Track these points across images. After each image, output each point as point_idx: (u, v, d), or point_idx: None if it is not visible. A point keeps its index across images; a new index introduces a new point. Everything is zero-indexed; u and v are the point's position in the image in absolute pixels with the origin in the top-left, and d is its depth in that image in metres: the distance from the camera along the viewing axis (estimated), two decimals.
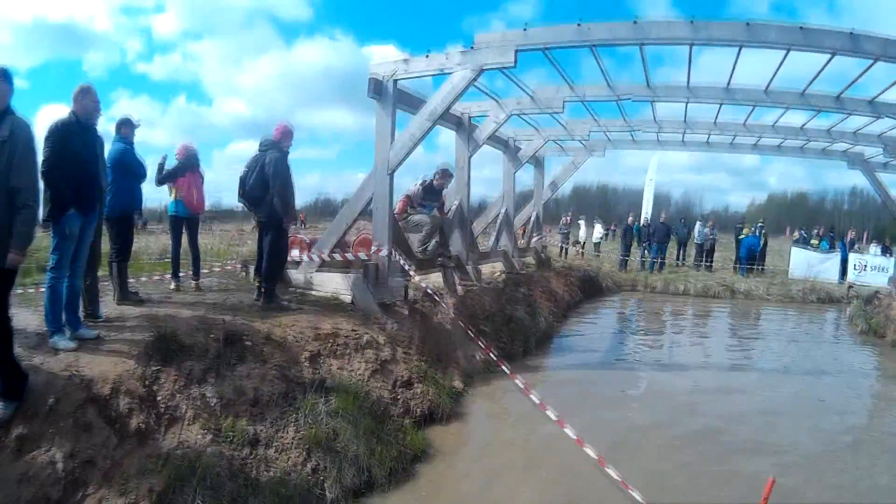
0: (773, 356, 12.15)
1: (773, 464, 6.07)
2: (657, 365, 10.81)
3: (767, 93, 11.52)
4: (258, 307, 7.90)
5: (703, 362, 11.23)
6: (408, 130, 9.34)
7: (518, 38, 8.69)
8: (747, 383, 9.84)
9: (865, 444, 7.26)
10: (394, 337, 8.16)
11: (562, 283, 17.25)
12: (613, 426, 7.40)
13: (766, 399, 8.97)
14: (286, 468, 4.93)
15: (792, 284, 21.87)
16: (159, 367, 5.21)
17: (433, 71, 9.27)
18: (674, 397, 8.83)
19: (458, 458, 6.27)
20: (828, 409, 8.70)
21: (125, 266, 7.67)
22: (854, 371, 11.44)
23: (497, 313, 11.28)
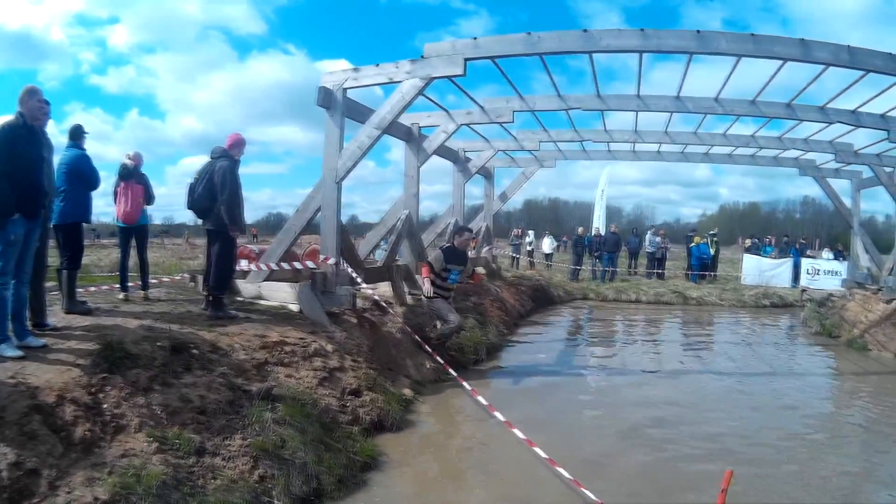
0: (726, 358, 12.48)
1: (729, 461, 6.15)
2: (608, 370, 10.99)
3: (718, 101, 11.87)
4: (206, 317, 7.91)
5: (657, 366, 11.43)
6: (356, 140, 9.48)
7: (467, 49, 8.87)
8: (702, 385, 10.08)
9: (820, 440, 7.52)
10: (342, 346, 8.22)
11: (512, 293, 17.47)
12: (565, 429, 7.53)
13: (720, 399, 9.22)
14: (233, 477, 4.92)
15: (744, 290, 22.47)
16: (105, 375, 5.19)
17: (383, 80, 9.42)
18: (626, 400, 8.99)
19: (409, 465, 6.33)
20: (784, 406, 8.96)
21: (75, 275, 7.64)
22: (809, 370, 11.82)
23: None
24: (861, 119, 11.93)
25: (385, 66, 9.35)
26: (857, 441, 7.64)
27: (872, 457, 7.01)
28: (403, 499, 5.61)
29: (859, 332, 14.34)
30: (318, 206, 9.52)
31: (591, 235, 25.82)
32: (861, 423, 8.40)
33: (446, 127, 12.78)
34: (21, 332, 5.66)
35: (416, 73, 9.07)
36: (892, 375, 11.43)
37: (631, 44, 8.73)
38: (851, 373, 11.60)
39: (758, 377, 10.79)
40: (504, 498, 5.64)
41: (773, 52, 8.62)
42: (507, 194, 19.80)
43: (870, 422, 8.47)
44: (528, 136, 15.81)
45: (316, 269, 9.58)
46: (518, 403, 8.41)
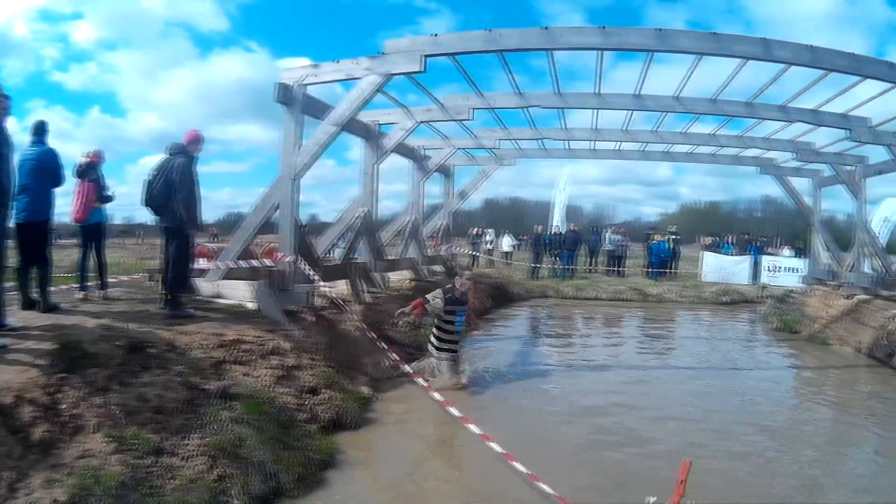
0: (686, 353, 12.75)
1: (689, 454, 5.93)
2: (567, 366, 11.07)
3: (678, 100, 11.93)
4: (163, 316, 7.89)
5: (616, 362, 11.58)
6: (314, 136, 9.51)
7: (427, 45, 8.93)
8: (662, 380, 10.26)
9: (784, 433, 7.68)
10: (299, 344, 8.27)
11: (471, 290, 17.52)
12: (522, 424, 7.60)
13: (680, 393, 9.37)
14: (191, 476, 4.93)
15: (704, 287, 22.88)
16: (64, 375, 5.18)
17: (342, 77, 9.48)
18: (585, 395, 9.06)
19: (368, 463, 6.37)
20: (746, 400, 9.18)
21: (48, 272, 7.60)
22: (771, 365, 12.16)
23: (405, 320, 11.43)
24: (822, 118, 12.17)
25: (344, 62, 9.36)
26: (821, 434, 7.88)
27: (838, 449, 7.25)
28: (363, 497, 5.65)
29: (820, 328, 14.79)
30: (276, 203, 9.51)
31: (550, 234, 25.98)
32: (824, 416, 8.70)
33: (405, 124, 12.82)
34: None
35: (376, 70, 9.10)
36: (854, 369, 11.83)
37: (591, 41, 8.83)
38: (813, 367, 11.95)
39: (718, 371, 11.04)
40: (463, 494, 5.72)
41: (734, 51, 8.79)
42: (466, 192, 19.88)
43: (833, 414, 8.77)
44: (487, 135, 15.90)
45: (273, 267, 9.57)
46: (474, 399, 8.51)
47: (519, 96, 12.28)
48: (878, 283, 14.89)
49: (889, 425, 8.18)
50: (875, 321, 13.07)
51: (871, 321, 13.27)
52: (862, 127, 12.06)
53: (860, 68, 8.92)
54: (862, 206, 16.08)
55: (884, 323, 12.61)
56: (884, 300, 14.06)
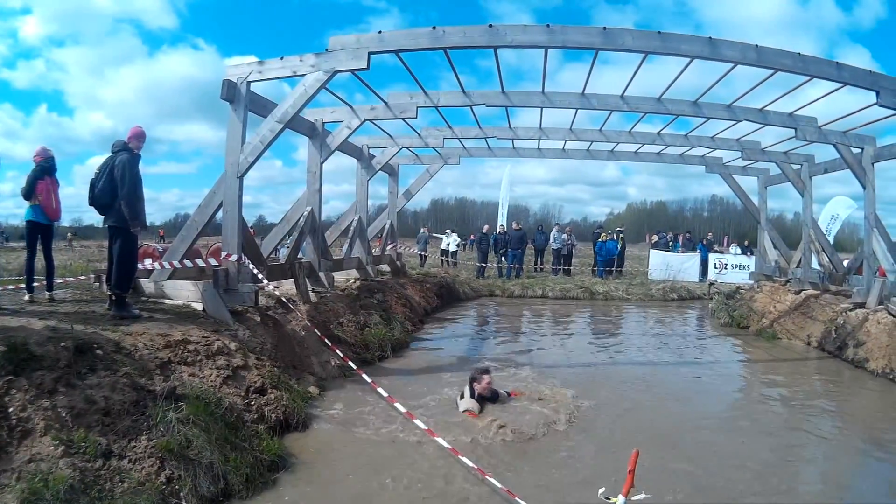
0: (636, 350, 13.07)
1: (641, 446, 6.10)
2: (514, 364, 11.16)
3: (624, 99, 12.16)
4: (110, 317, 7.83)
5: (565, 360, 11.79)
6: (258, 133, 9.49)
7: (372, 42, 8.99)
8: (612, 376, 10.46)
9: (731, 424, 8.00)
10: (246, 344, 8.31)
11: (418, 290, 17.69)
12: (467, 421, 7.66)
13: (630, 390, 9.56)
14: (140, 479, 4.97)
15: (652, 285, 23.35)
16: (10, 378, 5.15)
17: (287, 74, 9.47)
18: (534, 391, 9.11)
19: (317, 462, 6.43)
20: (694, 395, 9.49)
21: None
22: (719, 359, 12.60)
23: (351, 320, 11.57)
24: (768, 117, 12.54)
25: (289, 59, 9.37)
26: (777, 425, 8.12)
27: (792, 440, 7.50)
28: (312, 497, 5.71)
29: (768, 322, 15.38)
30: (220, 201, 9.48)
31: (496, 233, 26.19)
32: (779, 409, 9.00)
33: (350, 122, 12.82)
34: None
35: (321, 67, 9.13)
36: (805, 361, 12.34)
37: (537, 39, 8.96)
38: (764, 360, 12.41)
39: (667, 366, 11.43)
40: (413, 491, 5.81)
41: (680, 50, 8.99)
42: (412, 191, 19.94)
43: (788, 406, 9.11)
44: (432, 133, 16.02)
45: (218, 266, 9.54)
46: (420, 396, 8.64)
47: (464, 95, 12.40)
48: (826, 279, 15.44)
49: (844, 414, 8.65)
50: (824, 315, 13.66)
51: (820, 315, 13.86)
52: (808, 126, 12.52)
53: (806, 68, 9.20)
54: (809, 204, 16.58)
55: (833, 316, 13.18)
56: (832, 295, 14.65)
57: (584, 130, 16.20)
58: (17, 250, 16.96)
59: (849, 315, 12.72)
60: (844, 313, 12.88)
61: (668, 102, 12.31)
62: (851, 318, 12.55)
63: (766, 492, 5.94)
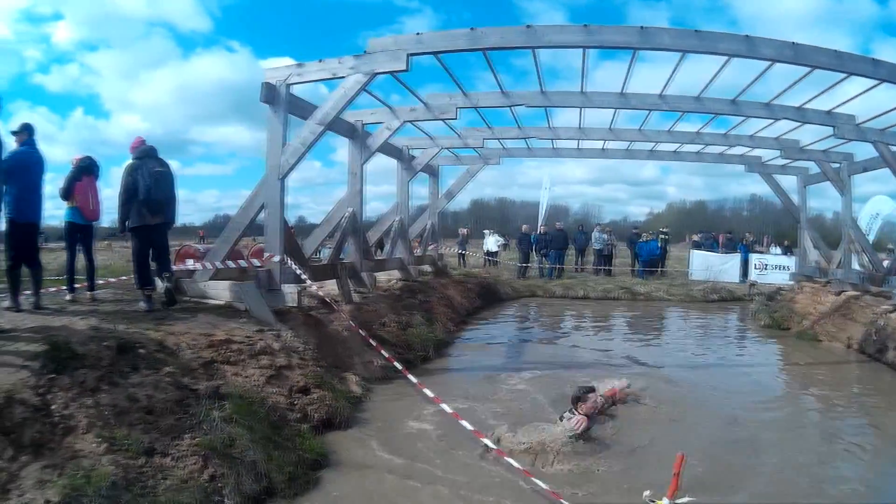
0: (678, 352, 12.74)
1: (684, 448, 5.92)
2: (558, 365, 10.99)
3: (663, 98, 11.92)
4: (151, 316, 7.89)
5: (607, 361, 11.55)
6: (299, 136, 9.48)
7: (410, 44, 8.93)
8: (655, 378, 10.16)
9: (771, 430, 7.66)
10: (289, 344, 8.28)
11: (459, 290, 17.58)
12: (513, 420, 7.51)
13: (674, 393, 9.28)
14: (183, 476, 4.92)
15: (693, 285, 22.90)
16: (53, 376, 5.15)
17: (326, 76, 9.45)
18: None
19: (359, 461, 6.34)
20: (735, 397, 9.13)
21: (38, 275, 7.72)
22: (760, 361, 12.20)
23: (394, 320, 11.49)
24: (807, 115, 12.17)
25: (328, 61, 9.34)
26: (816, 429, 7.88)
27: (830, 446, 7.20)
28: (355, 496, 5.64)
29: (809, 324, 14.86)
30: (262, 203, 9.48)
31: (536, 234, 25.93)
32: (819, 411, 8.75)
33: (390, 124, 12.78)
34: None
35: (360, 69, 9.09)
36: (844, 365, 11.89)
37: (574, 39, 8.84)
38: (804, 363, 11.93)
39: (709, 369, 11.08)
40: (456, 492, 5.70)
41: (717, 49, 8.80)
42: (452, 192, 19.84)
43: (827, 410, 8.80)
44: (472, 134, 15.91)
45: (261, 267, 9.54)
46: (467, 397, 8.53)
47: (503, 95, 12.27)
48: (866, 280, 14.97)
49: (882, 419, 8.23)
50: (864, 317, 13.16)
51: (860, 317, 13.36)
52: (847, 124, 12.11)
53: (843, 65, 8.94)
54: (848, 203, 16.11)
55: (873, 319, 12.67)
56: (873, 296, 14.14)
57: (623, 130, 15.97)
58: (56, 251, 17.08)
59: (889, 317, 12.23)
60: (885, 315, 12.39)
61: (707, 101, 12.07)
62: (892, 319, 12.08)
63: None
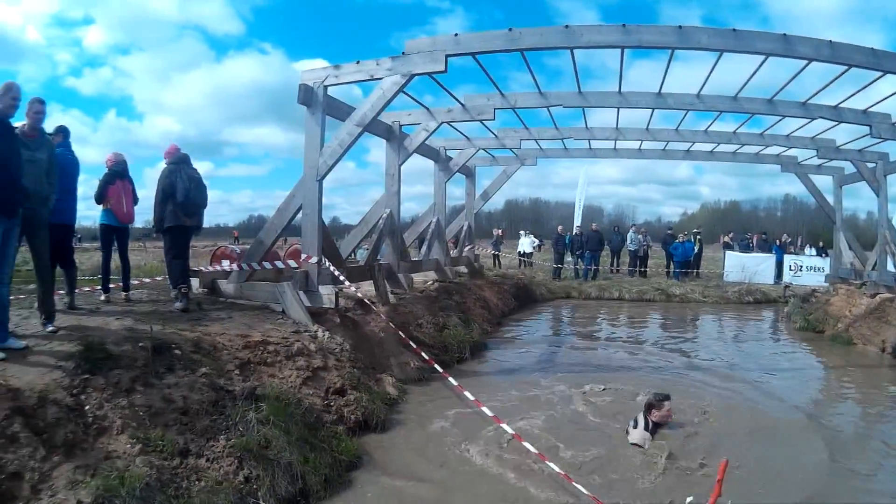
0: (714, 354, 12.45)
1: (723, 454, 5.87)
2: (595, 367, 10.85)
3: (700, 97, 11.76)
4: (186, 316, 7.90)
5: (644, 363, 11.37)
6: (337, 137, 9.44)
7: (448, 45, 8.83)
8: (692, 381, 10.00)
9: (808, 433, 7.46)
10: (325, 345, 8.22)
11: (495, 291, 17.44)
12: (552, 423, 7.43)
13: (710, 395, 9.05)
14: (218, 478, 4.88)
15: (727, 287, 22.47)
16: (87, 376, 5.12)
17: (363, 77, 9.37)
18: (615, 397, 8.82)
19: (395, 464, 6.26)
20: (772, 401, 8.94)
21: (73, 275, 7.74)
22: (796, 365, 11.86)
23: (430, 321, 11.39)
24: (843, 115, 11.91)
25: (366, 63, 9.27)
26: (850, 435, 7.62)
27: (867, 452, 6.98)
28: (391, 498, 5.55)
29: (844, 327, 14.45)
30: (300, 204, 9.43)
31: (571, 234, 25.63)
32: (852, 416, 8.50)
33: (427, 125, 12.74)
34: (2, 335, 5.50)
35: (397, 70, 9.00)
36: (879, 369, 11.52)
37: (612, 39, 8.69)
38: (838, 366, 11.60)
39: (746, 372, 10.73)
40: (494, 495, 5.57)
41: (754, 48, 8.59)
42: (489, 192, 19.71)
43: (860, 414, 8.57)
44: (509, 135, 15.76)
45: (298, 268, 9.48)
46: (505, 399, 8.39)
47: (541, 96, 12.15)
48: None
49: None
50: None
51: (894, 320, 12.97)
52: (883, 123, 11.80)
53: (879, 63, 8.66)
54: (884, 203, 15.68)
55: None
56: None
57: (660, 130, 15.75)
58: (90, 251, 17.25)
59: None
60: None
61: (744, 100, 11.87)
62: None
63: None
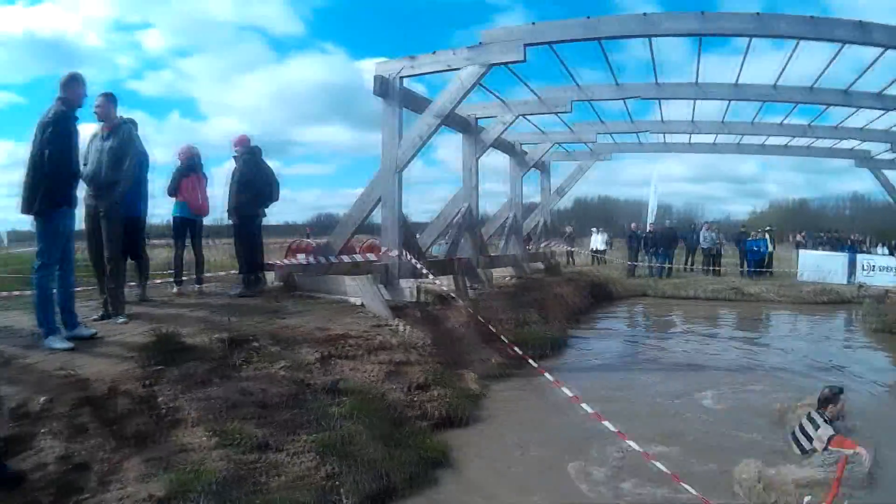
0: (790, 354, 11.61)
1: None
2: (678, 365, 10.32)
3: (776, 88, 11.23)
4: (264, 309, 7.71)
5: (727, 362, 10.63)
6: (415, 129, 9.20)
7: (525, 34, 8.47)
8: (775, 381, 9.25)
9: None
10: (406, 339, 7.84)
11: (571, 288, 16.83)
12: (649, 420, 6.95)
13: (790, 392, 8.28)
14: (298, 473, 4.53)
15: (801, 286, 21.42)
16: (160, 368, 4.93)
17: (440, 68, 9.09)
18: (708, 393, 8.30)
19: (480, 461, 5.84)
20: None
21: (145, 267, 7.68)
22: (873, 366, 10.99)
23: (510, 317, 10.90)
24: None
25: (442, 53, 9.02)
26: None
27: None
28: (475, 496, 5.15)
29: None
30: (378, 197, 9.24)
31: (642, 231, 24.83)
32: None
33: (503, 117, 12.41)
34: (71, 323, 5.44)
35: (475, 60, 8.71)
36: None
37: (691, 27, 8.32)
38: None
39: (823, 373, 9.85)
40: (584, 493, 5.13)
41: (833, 35, 8.10)
42: (564, 189, 19.16)
43: None
44: (584, 128, 15.25)
45: (377, 261, 9.20)
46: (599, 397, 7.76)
47: (617, 87, 11.76)
48: None
49: None
50: None
51: None
52: None
53: None
54: None
55: None
56: None
57: (735, 124, 15.11)
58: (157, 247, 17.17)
59: None
60: None
61: (819, 92, 11.30)
62: None
63: None
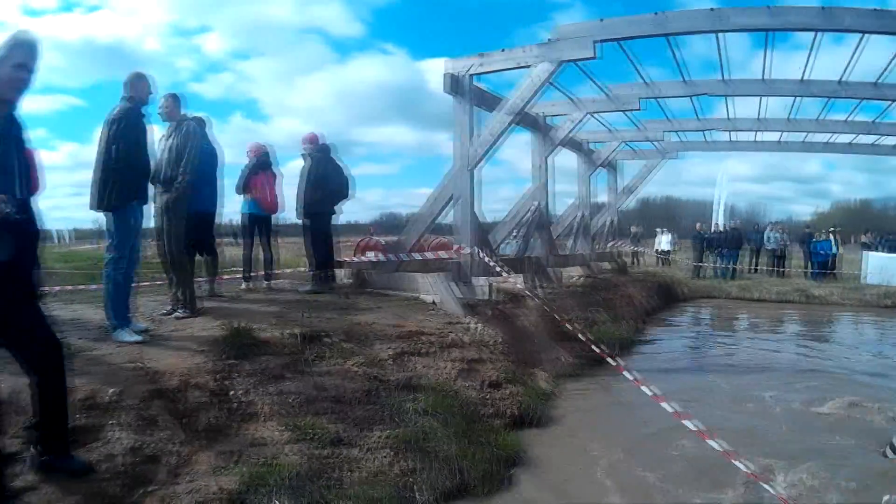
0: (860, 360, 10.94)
1: None
2: (752, 368, 9.76)
3: (841, 84, 10.84)
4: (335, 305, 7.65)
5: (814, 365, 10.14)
6: (488, 127, 9.08)
7: (595, 30, 8.28)
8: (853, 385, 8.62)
9: None
10: (479, 337, 7.67)
11: (639, 288, 16.42)
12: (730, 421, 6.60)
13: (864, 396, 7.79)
14: (373, 469, 4.41)
15: (867, 289, 20.45)
16: (233, 361, 4.91)
17: (511, 65, 9.00)
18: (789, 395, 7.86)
19: (554, 461, 5.60)
20: None
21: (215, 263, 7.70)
22: None
23: (580, 316, 10.60)
24: None
25: (512, 50, 8.91)
26: None
27: None
28: (549, 496, 4.95)
29: None
30: (450, 195, 9.18)
31: (709, 232, 24.10)
32: None
33: (572, 115, 12.25)
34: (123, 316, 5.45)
35: (545, 57, 8.54)
36: None
37: (758, 22, 8.05)
38: None
39: None
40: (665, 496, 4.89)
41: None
42: (631, 188, 18.76)
43: None
44: (653, 126, 14.95)
45: (450, 259, 9.08)
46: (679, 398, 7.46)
47: (685, 84, 11.48)
48: None
49: None
50: None
51: None
52: None
53: None
54: None
55: None
56: None
57: (801, 120, 14.55)
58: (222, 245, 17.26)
59: None
60: None
61: (885, 87, 10.83)
62: None
63: None
